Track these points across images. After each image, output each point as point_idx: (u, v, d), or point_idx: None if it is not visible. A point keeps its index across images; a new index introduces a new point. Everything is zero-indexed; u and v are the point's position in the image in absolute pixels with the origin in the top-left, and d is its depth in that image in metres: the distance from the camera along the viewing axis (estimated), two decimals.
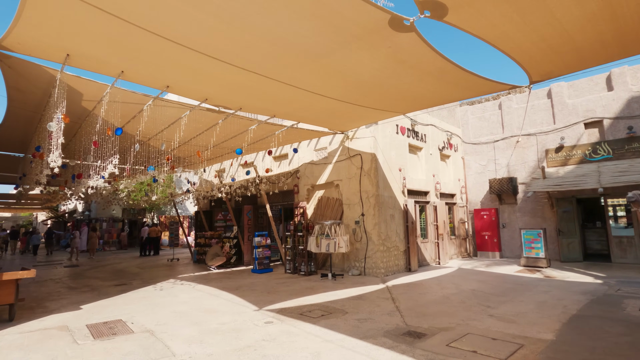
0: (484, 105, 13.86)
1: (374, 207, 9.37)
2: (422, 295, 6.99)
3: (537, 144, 12.24)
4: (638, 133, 10.30)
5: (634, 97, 10.47)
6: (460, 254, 12.88)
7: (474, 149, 13.79)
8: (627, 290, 6.95)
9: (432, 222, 11.41)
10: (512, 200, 12.66)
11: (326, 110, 7.75)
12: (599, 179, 9.85)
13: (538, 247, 10.29)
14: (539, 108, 12.33)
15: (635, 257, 10.29)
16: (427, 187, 11.53)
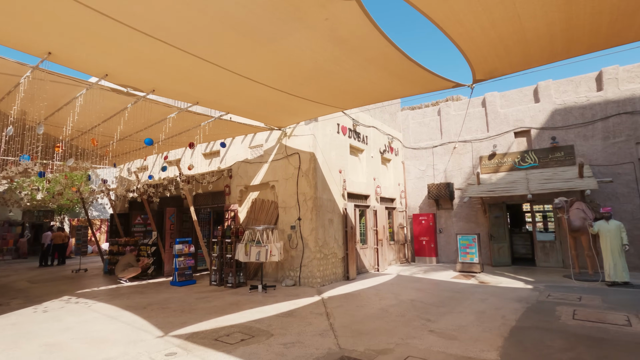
0: (424, 110, 13.95)
1: (312, 211, 8.61)
2: (360, 309, 6.34)
3: (472, 150, 12.52)
4: (560, 143, 10.91)
5: (557, 110, 11.10)
6: (399, 259, 12.67)
7: (414, 153, 13.79)
8: (557, 295, 6.99)
9: (372, 227, 11.00)
10: (448, 205, 12.80)
11: (260, 101, 6.82)
12: (527, 186, 10.19)
13: (473, 252, 10.35)
14: (474, 116, 12.65)
15: (556, 261, 10.82)
16: (368, 190, 11.11)
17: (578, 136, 10.72)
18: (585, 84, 10.89)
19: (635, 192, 9.81)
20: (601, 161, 10.30)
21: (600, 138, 10.40)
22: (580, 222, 8.74)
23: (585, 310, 5.82)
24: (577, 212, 8.97)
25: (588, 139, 10.56)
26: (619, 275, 7.84)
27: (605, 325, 5.04)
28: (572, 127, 10.82)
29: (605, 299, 6.62)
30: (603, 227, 8.17)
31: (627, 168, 9.96)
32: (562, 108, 11.02)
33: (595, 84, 10.76)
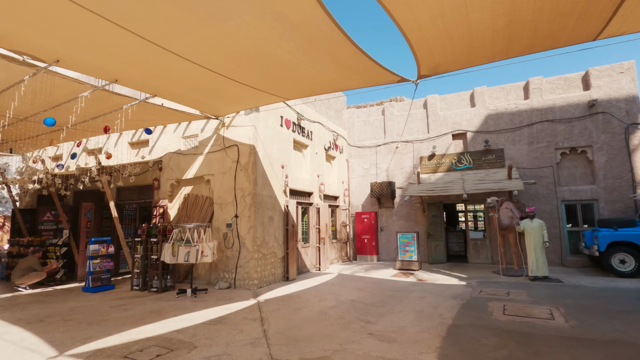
0: (369, 109, 14.01)
1: (250, 208, 8.03)
2: (297, 312, 5.93)
3: (413, 150, 12.81)
4: (492, 146, 11.56)
5: (490, 115, 11.76)
6: (340, 258, 12.54)
7: (358, 152, 13.78)
8: (488, 291, 7.25)
9: (315, 226, 10.69)
10: (390, 204, 12.97)
11: (194, 85, 6.09)
12: (463, 186, 10.61)
13: (412, 250, 10.52)
14: (416, 117, 12.96)
15: (486, 257, 11.46)
16: (311, 187, 10.78)
17: (507, 140, 11.45)
18: (515, 92, 11.67)
19: (553, 194, 10.71)
20: (526, 164, 11.10)
21: (526, 143, 11.20)
22: (508, 221, 9.26)
23: (514, 305, 6.03)
24: (505, 211, 9.50)
25: (516, 144, 11.32)
26: (540, 270, 8.41)
27: (532, 319, 5.21)
28: (503, 131, 11.53)
29: (530, 293, 6.99)
30: (528, 226, 8.71)
31: (547, 171, 10.84)
32: (495, 113, 11.69)
33: (523, 92, 11.57)
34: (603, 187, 10.20)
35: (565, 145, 10.74)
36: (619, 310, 5.55)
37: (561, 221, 10.59)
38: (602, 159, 10.29)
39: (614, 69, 10.40)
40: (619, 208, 10.00)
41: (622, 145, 10.10)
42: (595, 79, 10.54)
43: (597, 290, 7.10)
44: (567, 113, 10.78)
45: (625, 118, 10.13)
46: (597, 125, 10.42)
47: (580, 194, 10.47)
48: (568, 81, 11.03)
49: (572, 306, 5.90)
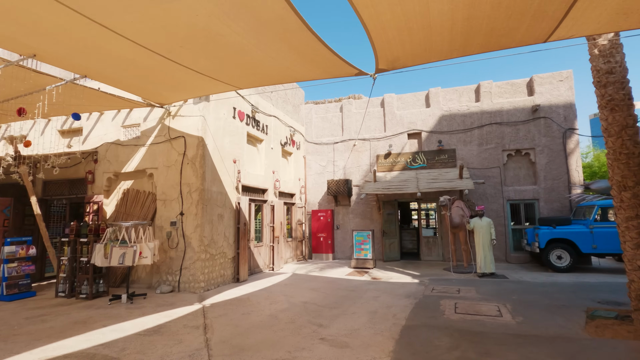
0: (327, 106, 13.80)
1: (197, 205, 7.43)
2: (246, 317, 5.52)
3: (370, 148, 12.81)
4: (445, 147, 11.87)
5: (443, 116, 12.06)
6: (296, 257, 12.23)
7: (316, 148, 13.53)
8: (440, 289, 7.32)
9: (269, 224, 10.26)
10: (346, 202, 12.87)
11: (134, 67, 5.40)
12: (417, 184, 10.76)
13: (367, 248, 10.48)
14: (373, 115, 12.97)
15: (437, 255, 11.75)
16: (266, 184, 10.33)
17: (459, 141, 11.80)
18: (467, 94, 12.07)
19: (500, 193, 11.21)
20: (476, 165, 11.52)
21: (476, 144, 11.62)
22: (459, 219, 9.50)
23: (464, 303, 6.09)
24: (456, 209, 9.74)
25: (467, 144, 11.71)
26: (488, 267, 8.71)
27: (481, 317, 5.25)
28: (455, 132, 11.87)
29: (479, 290, 7.16)
30: (477, 224, 8.99)
31: (495, 172, 11.33)
32: (448, 114, 12.01)
33: (474, 95, 12.00)
34: (543, 188, 10.86)
35: (511, 147, 11.29)
36: (559, 305, 5.80)
37: (506, 219, 11.12)
38: (543, 161, 10.94)
39: (555, 77, 11.09)
40: (557, 207, 10.69)
41: (560, 148, 10.81)
42: (539, 85, 11.18)
43: (539, 286, 7.45)
44: (514, 116, 11.33)
45: (563, 123, 10.85)
46: (539, 129, 11.05)
47: (523, 194, 11.06)
48: (515, 86, 11.60)
49: (517, 302, 6.08)
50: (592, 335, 4.38)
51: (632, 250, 4.60)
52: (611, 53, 4.89)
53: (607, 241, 8.65)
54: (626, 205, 4.66)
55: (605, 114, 4.90)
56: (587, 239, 8.80)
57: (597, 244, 8.71)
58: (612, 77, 4.85)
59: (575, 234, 8.89)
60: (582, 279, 8.04)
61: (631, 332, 4.38)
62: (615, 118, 4.80)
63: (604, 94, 4.91)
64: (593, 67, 5.09)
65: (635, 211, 4.59)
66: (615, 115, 4.80)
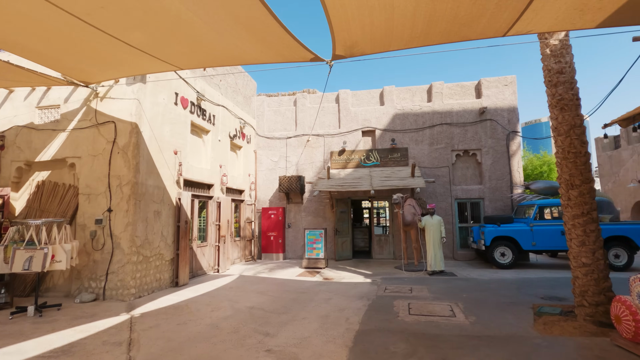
0: (280, 99, 13.23)
1: (129, 200, 6.52)
2: (182, 327, 4.84)
3: (324, 145, 12.48)
4: (398, 145, 11.90)
5: (397, 114, 12.08)
6: (244, 257, 11.52)
7: (268, 143, 12.90)
8: (392, 288, 7.15)
9: (214, 222, 9.48)
10: (299, 199, 12.42)
11: (49, 34, 4.44)
12: (371, 182, 10.62)
13: (319, 247, 10.12)
14: (328, 111, 12.66)
15: (389, 253, 11.75)
16: (212, 179, 9.53)
17: (412, 140, 11.90)
18: (420, 94, 12.21)
19: (448, 192, 11.48)
20: (427, 164, 11.69)
21: (427, 143, 11.79)
22: (411, 217, 9.49)
23: (418, 303, 5.94)
24: (408, 207, 9.74)
25: (419, 143, 11.84)
26: (438, 265, 8.77)
27: (436, 318, 5.09)
28: (408, 131, 11.95)
29: (430, 288, 7.10)
30: (428, 222, 9.02)
31: (444, 171, 11.57)
32: (401, 113, 12.06)
33: (426, 95, 12.17)
34: (488, 187, 11.29)
35: (460, 148, 11.60)
36: (507, 302, 5.85)
37: (454, 218, 11.41)
38: (488, 161, 11.38)
39: (500, 81, 11.59)
40: (500, 206, 11.18)
41: (504, 150, 11.32)
42: (486, 88, 11.61)
43: (485, 283, 7.59)
44: (463, 118, 11.66)
45: (507, 126, 11.37)
46: (485, 131, 11.48)
47: (470, 193, 11.42)
48: (464, 88, 11.95)
49: (468, 300, 6.05)
50: (541, 333, 4.37)
51: (578, 248, 4.69)
52: (562, 53, 4.96)
53: (544, 238, 9.14)
54: (573, 203, 4.75)
55: (556, 113, 4.97)
56: (527, 237, 9.22)
57: (536, 241, 9.17)
58: (563, 77, 4.92)
59: (518, 232, 9.28)
60: (524, 275, 8.38)
61: (577, 329, 4.44)
62: (564, 117, 4.87)
63: (555, 93, 4.97)
64: (544, 66, 5.15)
65: (581, 209, 4.69)
66: (564, 114, 4.88)
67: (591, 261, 4.59)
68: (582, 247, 4.65)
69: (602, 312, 4.48)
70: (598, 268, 4.56)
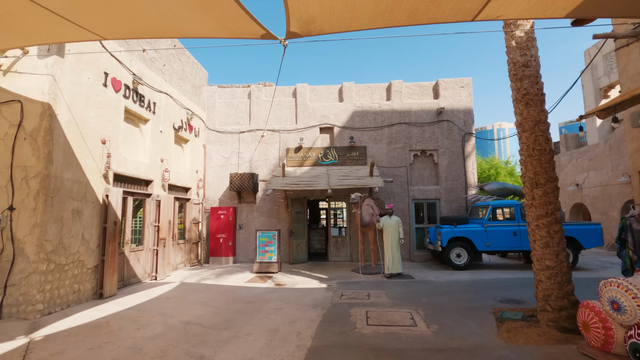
0: (233, 90, 12.31)
1: (38, 197, 5.37)
2: (94, 353, 3.91)
3: (280, 141, 11.78)
4: (357, 143, 11.52)
5: (356, 112, 11.71)
6: (189, 261, 10.47)
7: (219, 138, 11.93)
8: (349, 295, 6.65)
9: (153, 223, 8.40)
10: (251, 198, 11.59)
11: None
12: (328, 181, 10.11)
13: (272, 250, 9.40)
14: (284, 105, 11.98)
15: (345, 255, 11.31)
16: (151, 174, 8.45)
17: (370, 139, 11.58)
18: (379, 92, 11.95)
19: (406, 193, 11.30)
20: (385, 163, 11.43)
21: (386, 142, 11.54)
22: (369, 218, 9.10)
23: (376, 311, 5.47)
24: (366, 208, 9.35)
25: (377, 142, 11.55)
26: (395, 267, 8.44)
27: (396, 329, 4.63)
28: (367, 129, 11.62)
29: (389, 293, 6.69)
30: (386, 223, 8.67)
31: (402, 171, 11.38)
32: (360, 111, 11.70)
33: (386, 93, 11.94)
34: (444, 188, 11.27)
35: (417, 148, 11.49)
36: (467, 307, 5.58)
37: (411, 218, 11.25)
38: (444, 162, 11.36)
39: (457, 82, 11.65)
40: (455, 207, 11.20)
41: (460, 151, 11.37)
42: (443, 89, 11.61)
43: (444, 285, 7.36)
44: (421, 118, 11.56)
45: (463, 127, 11.44)
46: (442, 132, 11.47)
47: (426, 194, 11.32)
48: (422, 88, 11.87)
49: (428, 306, 5.70)
50: (507, 342, 4.06)
51: (541, 250, 4.47)
52: (527, 46, 4.75)
53: (498, 239, 9.19)
54: (537, 203, 4.53)
55: (521, 108, 4.74)
56: (482, 238, 9.22)
57: (490, 242, 9.19)
58: (528, 71, 4.71)
59: (473, 233, 9.25)
60: (479, 276, 8.30)
61: (541, 336, 4.19)
62: (529, 113, 4.65)
63: (520, 87, 4.74)
64: (510, 59, 4.92)
65: (545, 209, 4.48)
66: (529, 109, 4.66)
67: (555, 264, 4.38)
68: (546, 249, 4.44)
69: (566, 317, 4.28)
70: (562, 271, 4.36)
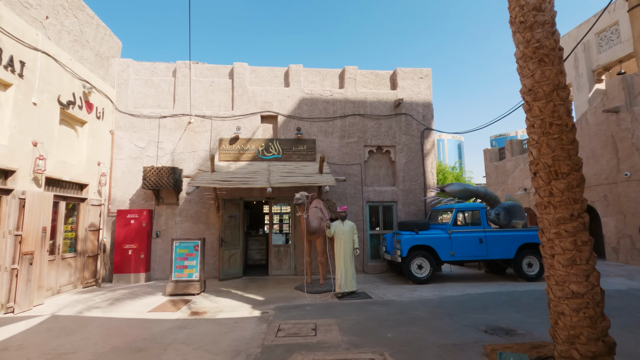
0: (154, 65, 9.98)
1: None
2: None
3: (211, 129, 9.69)
4: (304, 136, 9.84)
5: (304, 99, 10.04)
6: (81, 281, 7.93)
7: (132, 123, 9.50)
8: (288, 328, 4.86)
9: (12, 231, 5.89)
10: (173, 199, 9.32)
11: None
12: (268, 177, 8.26)
13: (193, 264, 7.29)
14: (219, 87, 9.93)
15: (289, 268, 9.50)
16: (13, 161, 5.96)
17: (320, 131, 9.97)
18: (331, 78, 10.41)
19: (360, 194, 9.83)
20: (337, 159, 9.88)
21: (338, 136, 10.00)
22: (317, 223, 7.42)
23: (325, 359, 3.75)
24: (315, 211, 7.67)
25: (328, 135, 9.97)
26: (349, 285, 6.83)
27: None
28: (317, 120, 9.99)
29: (342, 323, 5.02)
30: (339, 229, 7.05)
31: (356, 169, 9.91)
32: (310, 98, 10.06)
33: (338, 80, 10.44)
34: (402, 189, 10.00)
35: (373, 143, 10.11)
36: (449, 345, 4.08)
37: (365, 223, 9.79)
38: (402, 160, 10.11)
39: (416, 73, 10.53)
40: (413, 211, 9.96)
41: (418, 148, 10.20)
42: (401, 79, 10.41)
43: (409, 308, 5.87)
44: (377, 109, 10.22)
45: (422, 122, 10.30)
46: (400, 126, 10.23)
47: (383, 195, 9.96)
48: (379, 77, 10.57)
49: (397, 344, 4.11)
50: None
51: (564, 269, 3.09)
52: None
53: (463, 247, 8.02)
54: (558, 202, 3.15)
55: (531, 67, 3.37)
56: (446, 246, 8.00)
57: (455, 251, 7.99)
58: (541, 16, 3.36)
59: (437, 240, 7.99)
60: (445, 292, 7.00)
61: None
62: (544, 74, 3.30)
63: (530, 39, 3.38)
64: (514, 2, 3.54)
65: (570, 210, 3.11)
66: (544, 69, 3.30)
67: (585, 289, 3.01)
68: (572, 268, 3.06)
69: None
70: (594, 300, 3.01)
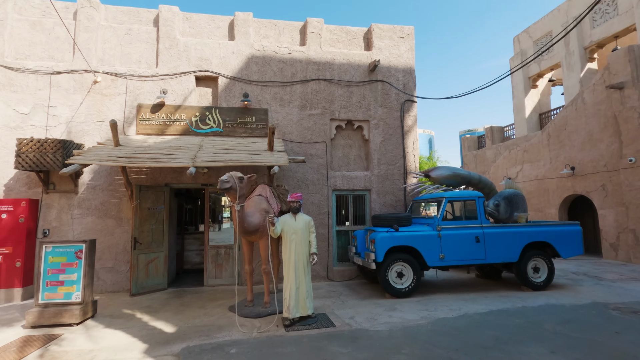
0: (47, 4, 7.33)
1: None
2: None
3: (127, 92, 7.22)
4: (254, 104, 7.59)
5: (254, 57, 7.76)
6: None
7: (11, 79, 6.86)
8: None
9: None
10: (70, 185, 6.82)
11: None
12: (196, 155, 5.96)
13: (73, 279, 4.94)
14: (138, 37, 7.44)
15: (231, 275, 7.28)
16: None
17: (275, 99, 7.75)
18: (289, 33, 8.18)
19: (325, 180, 7.75)
20: (296, 136, 7.72)
21: (297, 106, 7.83)
22: (259, 218, 5.22)
23: None
24: (258, 201, 5.48)
25: (285, 105, 7.77)
26: (302, 307, 4.72)
27: None
28: (270, 84, 7.75)
29: None
30: (288, 226, 4.90)
31: (320, 149, 7.80)
32: (261, 56, 7.79)
33: (299, 36, 8.22)
34: (377, 175, 8.01)
35: (342, 117, 8.02)
36: None
37: (331, 217, 7.73)
38: (378, 138, 8.10)
39: (396, 31, 8.50)
40: (390, 201, 8.01)
41: (398, 124, 8.22)
42: (378, 38, 8.35)
43: (389, 346, 3.85)
44: (347, 74, 8.11)
45: (403, 90, 8.31)
46: (375, 96, 8.19)
47: (353, 182, 7.92)
48: (350, 35, 8.45)
49: None
50: None
51: None
52: None
53: (456, 248, 6.14)
54: None
55: None
56: (434, 246, 6.07)
57: (445, 253, 6.09)
58: None
59: (422, 239, 6.04)
60: (435, 312, 5.07)
61: None
62: None
63: None
64: None
65: None
66: None
67: None
68: None
69: None
70: None
